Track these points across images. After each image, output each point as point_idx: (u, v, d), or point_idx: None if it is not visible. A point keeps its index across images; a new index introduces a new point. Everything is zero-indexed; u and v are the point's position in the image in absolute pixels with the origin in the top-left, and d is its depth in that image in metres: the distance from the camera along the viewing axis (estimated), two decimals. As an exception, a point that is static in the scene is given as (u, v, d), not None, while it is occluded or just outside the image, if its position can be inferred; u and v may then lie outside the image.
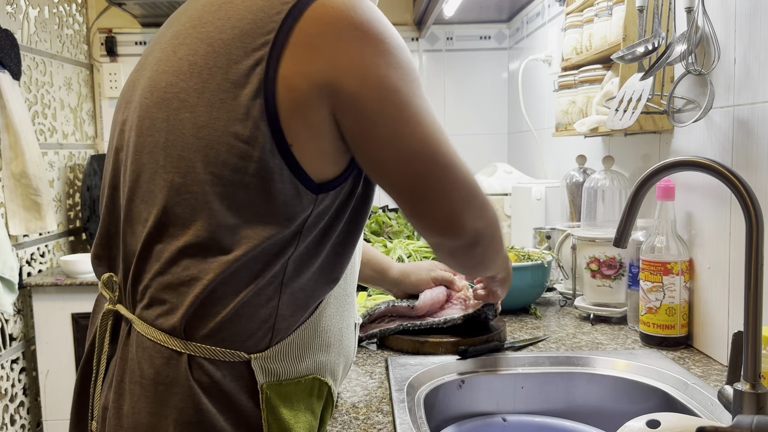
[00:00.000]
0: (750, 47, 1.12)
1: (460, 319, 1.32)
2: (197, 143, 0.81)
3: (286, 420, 0.85)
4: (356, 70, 0.81)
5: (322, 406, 0.92)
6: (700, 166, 0.86)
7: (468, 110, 3.23)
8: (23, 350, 2.50)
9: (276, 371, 0.86)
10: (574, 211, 1.81)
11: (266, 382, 0.85)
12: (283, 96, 0.79)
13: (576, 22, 1.76)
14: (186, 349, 0.83)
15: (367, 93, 0.81)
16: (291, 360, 0.88)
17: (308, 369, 0.90)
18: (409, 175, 0.84)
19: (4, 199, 2.33)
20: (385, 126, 0.82)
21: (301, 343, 0.89)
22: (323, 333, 0.91)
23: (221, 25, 0.83)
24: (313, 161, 0.82)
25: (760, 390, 0.83)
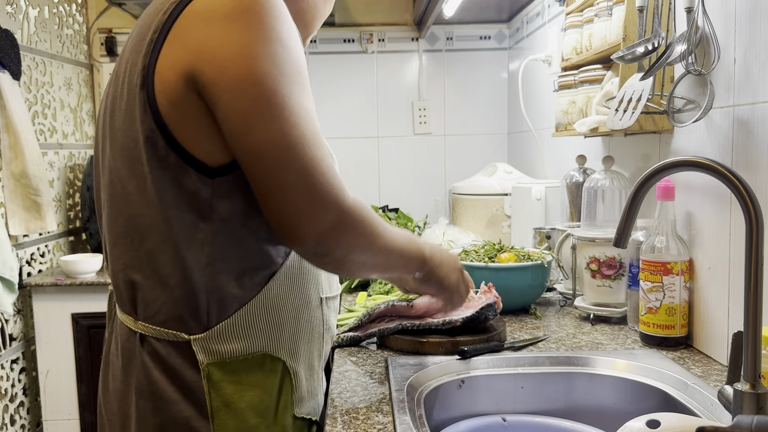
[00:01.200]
0: (750, 47, 1.12)
1: (459, 321, 1.32)
2: (117, 145, 0.90)
3: (230, 395, 0.91)
4: (215, 57, 0.82)
5: (278, 381, 0.95)
6: (700, 166, 0.87)
7: (468, 110, 3.23)
8: (23, 350, 2.50)
9: (218, 350, 0.91)
10: (574, 211, 1.81)
11: (207, 360, 0.90)
12: (159, 90, 0.84)
13: (576, 22, 1.76)
14: (137, 328, 0.93)
15: (224, 82, 0.82)
16: (234, 339, 0.92)
17: (256, 347, 0.93)
18: (256, 172, 0.84)
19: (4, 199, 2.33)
20: (237, 117, 0.82)
21: (245, 323, 0.92)
22: (273, 311, 0.94)
23: (134, 32, 0.91)
24: (203, 148, 0.86)
25: (760, 390, 0.83)
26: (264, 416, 0.93)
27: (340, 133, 3.19)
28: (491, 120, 3.23)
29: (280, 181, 0.83)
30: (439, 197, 3.19)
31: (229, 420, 0.91)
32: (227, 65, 0.81)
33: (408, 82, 3.22)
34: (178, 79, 0.83)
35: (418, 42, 3.20)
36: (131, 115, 0.87)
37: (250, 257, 0.92)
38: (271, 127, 0.82)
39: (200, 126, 0.85)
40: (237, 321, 0.92)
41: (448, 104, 3.24)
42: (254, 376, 0.93)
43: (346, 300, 1.83)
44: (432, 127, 3.23)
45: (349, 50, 3.17)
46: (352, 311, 1.65)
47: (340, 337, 1.35)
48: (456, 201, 2.51)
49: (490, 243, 1.73)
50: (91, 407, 2.49)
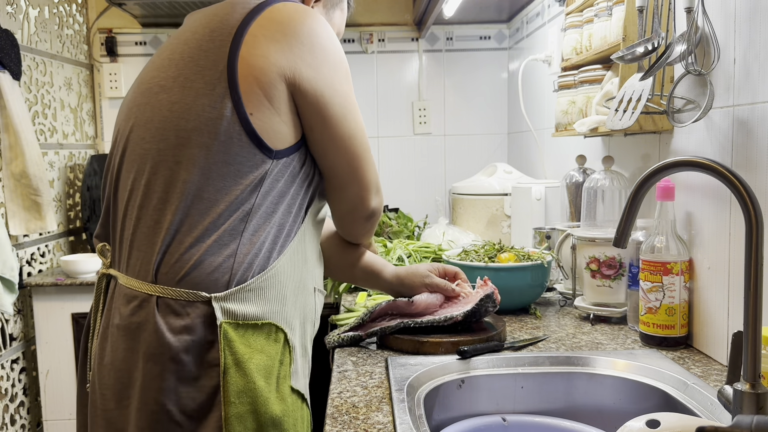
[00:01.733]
0: (750, 47, 1.12)
1: (460, 316, 1.32)
2: (170, 115, 1.01)
3: (241, 354, 0.98)
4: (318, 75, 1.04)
5: (280, 350, 1.03)
6: (699, 166, 0.87)
7: (468, 110, 3.23)
8: (23, 350, 2.50)
9: (233, 312, 0.99)
10: (574, 211, 1.81)
11: (225, 320, 0.98)
12: (243, 72, 0.99)
13: (576, 23, 1.76)
14: (155, 291, 0.99)
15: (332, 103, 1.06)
16: (247, 303, 1.00)
17: (264, 314, 1.02)
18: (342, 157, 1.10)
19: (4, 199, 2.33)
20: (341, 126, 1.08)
21: (257, 290, 1.01)
22: (279, 285, 1.04)
23: (195, 28, 1.06)
24: (271, 129, 1.01)
25: (759, 390, 0.83)
26: (268, 381, 1.00)
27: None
28: (491, 120, 3.23)
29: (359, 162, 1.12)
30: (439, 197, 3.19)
31: (239, 378, 0.97)
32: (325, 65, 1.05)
33: (408, 82, 3.22)
34: (270, 67, 1.00)
35: (418, 42, 3.20)
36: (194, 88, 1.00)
37: (274, 232, 1.03)
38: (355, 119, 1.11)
39: (277, 112, 1.01)
40: (253, 287, 1.01)
41: (448, 104, 3.24)
42: (261, 341, 1.01)
43: (346, 300, 1.83)
44: (432, 127, 3.23)
45: (349, 50, 3.17)
46: (352, 311, 1.65)
47: (341, 337, 1.35)
48: (456, 201, 2.51)
49: (490, 243, 1.73)
50: (91, 407, 2.48)
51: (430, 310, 1.36)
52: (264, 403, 0.99)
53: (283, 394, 1.02)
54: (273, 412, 0.99)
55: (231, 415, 0.96)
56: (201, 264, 0.99)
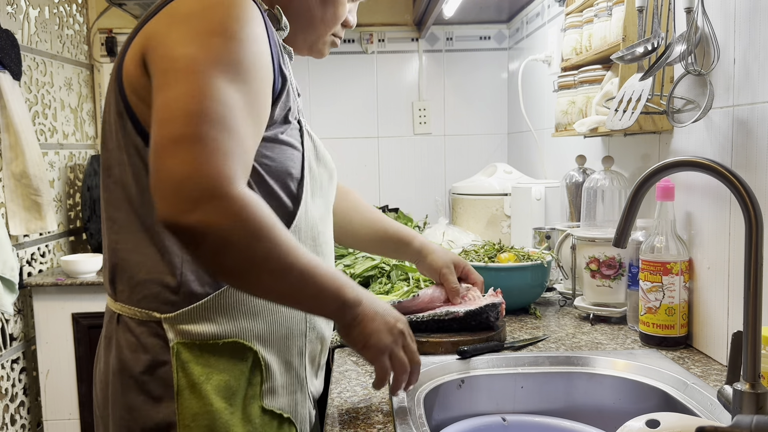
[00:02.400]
0: (749, 47, 1.12)
1: (462, 312, 1.31)
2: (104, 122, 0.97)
3: (196, 376, 0.91)
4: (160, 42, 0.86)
5: (247, 369, 0.95)
6: (699, 166, 0.87)
7: (468, 110, 3.23)
8: (23, 350, 2.50)
9: (188, 331, 0.92)
10: (574, 211, 1.81)
11: (178, 340, 0.92)
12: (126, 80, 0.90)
13: (576, 23, 1.76)
14: (115, 308, 0.97)
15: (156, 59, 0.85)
16: (206, 322, 0.92)
17: (228, 332, 0.93)
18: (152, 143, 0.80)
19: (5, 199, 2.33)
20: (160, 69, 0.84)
21: (218, 307, 0.93)
22: (246, 301, 0.94)
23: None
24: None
25: (759, 390, 0.83)
26: (229, 402, 0.93)
27: (340, 133, 3.19)
28: (491, 120, 3.23)
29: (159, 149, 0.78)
30: (439, 197, 3.19)
31: (193, 401, 0.91)
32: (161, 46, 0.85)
33: (408, 83, 3.22)
34: (136, 68, 0.88)
35: (418, 42, 3.20)
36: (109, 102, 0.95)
37: None
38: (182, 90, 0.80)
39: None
40: (210, 304, 0.92)
41: (448, 104, 3.24)
42: (223, 360, 0.93)
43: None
44: (432, 127, 3.23)
45: (349, 50, 3.18)
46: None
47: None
48: (456, 201, 2.51)
49: (490, 243, 1.73)
50: (91, 407, 2.49)
51: (433, 305, 1.36)
52: (224, 426, 0.92)
53: (250, 415, 0.95)
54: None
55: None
56: (150, 283, 0.93)
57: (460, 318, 1.32)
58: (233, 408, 0.93)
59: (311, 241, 1.01)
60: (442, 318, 1.32)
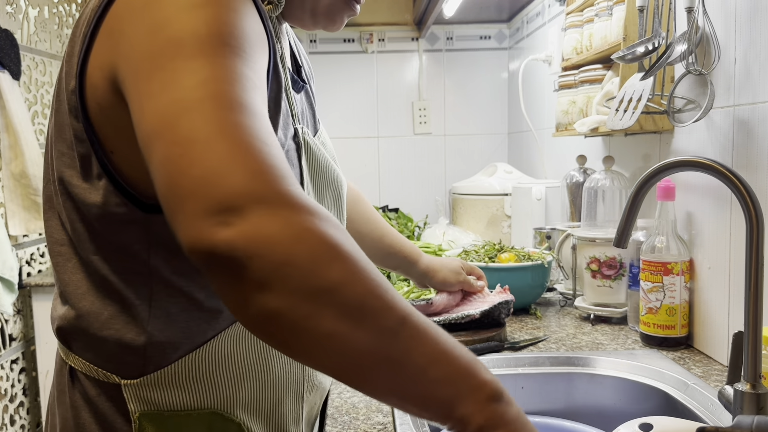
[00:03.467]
0: (750, 47, 1.12)
1: (478, 314, 1.32)
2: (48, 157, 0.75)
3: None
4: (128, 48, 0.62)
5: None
6: (700, 166, 0.86)
7: (468, 110, 3.23)
8: (23, 350, 2.50)
9: (154, 400, 0.73)
10: (575, 211, 1.81)
11: (141, 410, 0.73)
12: (89, 95, 0.67)
13: (576, 22, 1.76)
14: (68, 359, 0.78)
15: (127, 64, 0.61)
16: (176, 389, 0.73)
17: (204, 401, 0.74)
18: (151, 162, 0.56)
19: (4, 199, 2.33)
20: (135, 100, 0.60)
21: (191, 371, 0.74)
22: (231, 360, 0.75)
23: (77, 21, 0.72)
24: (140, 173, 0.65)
25: (760, 390, 0.83)
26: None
27: (340, 133, 3.19)
28: (491, 120, 3.23)
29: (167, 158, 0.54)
30: (439, 197, 3.18)
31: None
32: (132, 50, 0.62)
33: (408, 82, 3.22)
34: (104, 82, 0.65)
35: (418, 42, 3.20)
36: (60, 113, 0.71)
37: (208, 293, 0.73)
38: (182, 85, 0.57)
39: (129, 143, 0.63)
40: (182, 368, 0.73)
41: (448, 104, 3.24)
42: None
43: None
44: (432, 127, 3.23)
45: (349, 50, 3.17)
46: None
47: None
48: (456, 201, 2.51)
49: (490, 243, 1.73)
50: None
51: (448, 310, 1.36)
52: None
53: None
54: None
55: None
56: (104, 339, 0.73)
57: (476, 320, 1.33)
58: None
59: None
60: (459, 322, 1.32)
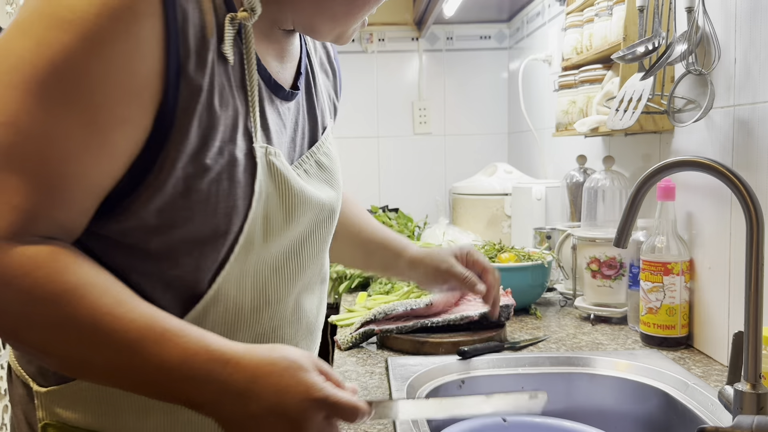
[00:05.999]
0: (750, 47, 1.12)
1: (476, 316, 1.32)
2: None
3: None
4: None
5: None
6: (700, 166, 0.86)
7: (468, 110, 3.23)
8: (23, 350, 2.49)
9: (58, 413, 0.72)
10: (575, 211, 1.81)
11: (47, 421, 0.73)
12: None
13: (576, 22, 1.76)
14: (9, 357, 0.80)
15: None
16: (80, 407, 0.72)
17: (107, 426, 0.72)
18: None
19: (4, 199, 2.33)
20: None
21: (98, 391, 0.71)
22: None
23: None
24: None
25: (760, 390, 0.83)
26: None
27: (340, 133, 3.18)
28: (491, 120, 3.23)
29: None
30: (439, 197, 3.18)
31: None
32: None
33: (408, 82, 3.22)
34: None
35: (418, 42, 3.20)
36: None
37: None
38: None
39: None
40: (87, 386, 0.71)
41: (448, 104, 3.23)
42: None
43: (345, 300, 1.83)
44: (432, 127, 3.23)
45: (348, 50, 3.17)
46: (352, 311, 1.65)
47: (353, 337, 1.34)
48: (456, 201, 2.51)
49: (491, 243, 1.73)
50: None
51: (447, 309, 1.37)
52: None
53: None
54: None
55: None
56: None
57: (474, 321, 1.33)
58: None
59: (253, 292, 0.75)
60: (458, 323, 1.33)
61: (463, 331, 1.34)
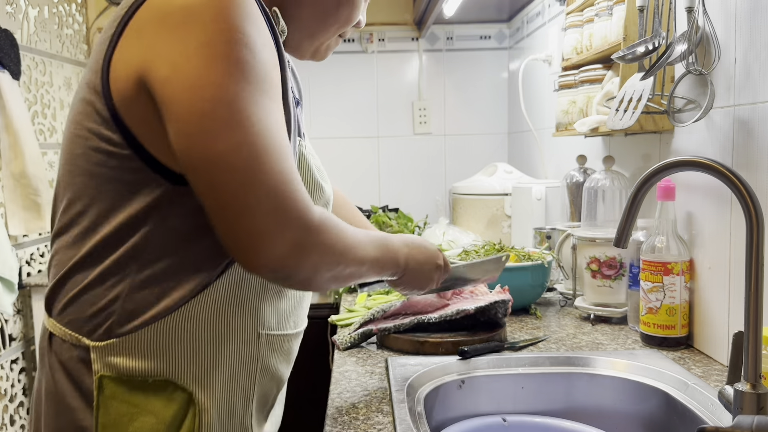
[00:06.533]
0: (750, 47, 1.12)
1: (472, 309, 1.32)
2: (68, 139, 0.86)
3: (119, 415, 0.83)
4: (171, 53, 0.75)
5: (179, 413, 0.84)
6: (700, 166, 0.86)
7: (468, 110, 3.23)
8: (23, 350, 2.50)
9: (115, 365, 0.83)
10: (575, 211, 1.81)
11: (103, 373, 0.83)
12: (113, 86, 0.79)
13: (576, 22, 1.76)
14: (48, 325, 0.89)
15: (178, 80, 0.74)
16: (136, 356, 0.83)
17: (160, 370, 0.84)
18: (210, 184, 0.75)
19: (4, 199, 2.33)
20: (192, 119, 0.74)
21: (152, 341, 0.83)
22: (189, 335, 0.84)
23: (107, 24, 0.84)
24: (163, 149, 0.79)
25: (760, 390, 0.83)
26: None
27: (340, 133, 3.19)
28: (491, 120, 3.23)
29: (239, 195, 0.74)
30: (439, 197, 3.18)
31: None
32: (182, 63, 0.74)
33: (408, 82, 3.22)
34: (129, 76, 0.78)
35: (418, 42, 3.20)
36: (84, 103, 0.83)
37: (178, 271, 0.84)
38: (232, 134, 0.74)
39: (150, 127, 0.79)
40: (143, 337, 0.83)
41: (448, 104, 3.24)
42: (151, 401, 0.84)
43: (345, 300, 1.83)
44: (432, 127, 3.23)
45: (349, 50, 3.17)
46: (352, 311, 1.65)
47: (352, 337, 1.34)
48: (456, 201, 2.51)
49: (490, 243, 1.73)
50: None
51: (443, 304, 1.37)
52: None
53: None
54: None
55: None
56: (81, 303, 0.84)
57: (471, 315, 1.32)
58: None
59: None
60: (453, 318, 1.32)
61: (463, 330, 1.34)
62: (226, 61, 0.74)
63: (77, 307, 0.84)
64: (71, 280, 0.85)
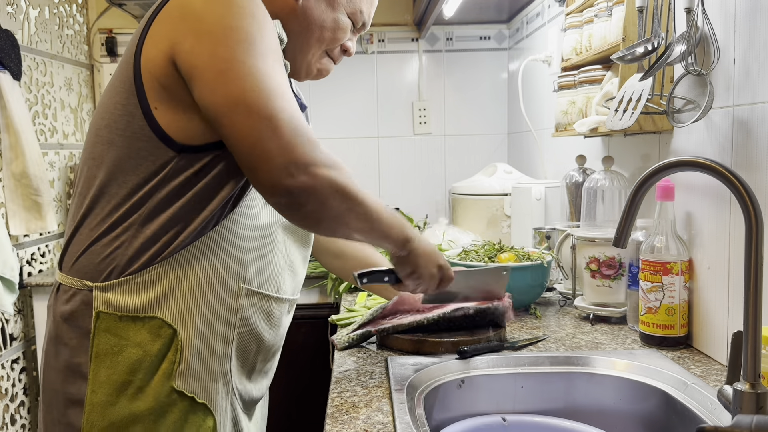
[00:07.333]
0: (750, 47, 1.12)
1: (471, 310, 1.32)
2: (96, 115, 1.03)
3: (110, 345, 0.97)
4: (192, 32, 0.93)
5: (163, 347, 0.98)
6: (699, 166, 0.87)
7: (468, 110, 3.23)
8: (23, 350, 2.50)
9: (112, 302, 0.98)
10: (574, 211, 1.81)
11: (100, 309, 0.98)
12: (144, 66, 0.96)
13: (576, 23, 1.76)
14: (58, 278, 1.05)
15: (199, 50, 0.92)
16: (130, 294, 0.98)
17: (149, 307, 0.98)
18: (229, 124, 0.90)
19: (5, 199, 2.33)
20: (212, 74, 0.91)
21: (144, 282, 0.98)
22: (178, 279, 0.99)
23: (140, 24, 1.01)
24: (175, 122, 0.96)
25: (759, 390, 0.83)
26: (136, 375, 0.98)
27: (340, 133, 3.19)
28: (491, 120, 3.23)
29: (250, 129, 0.89)
30: (439, 197, 3.19)
31: (102, 369, 0.97)
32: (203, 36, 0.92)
33: (408, 83, 3.22)
34: (158, 53, 0.94)
35: (418, 42, 3.20)
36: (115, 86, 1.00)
37: (175, 225, 0.98)
38: (245, 83, 0.90)
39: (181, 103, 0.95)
40: (139, 278, 0.98)
41: (448, 104, 3.24)
42: (139, 335, 0.98)
43: (346, 300, 1.83)
44: (432, 127, 3.24)
45: (349, 50, 3.17)
46: (352, 311, 1.65)
47: (350, 337, 1.35)
48: (456, 201, 2.51)
49: (490, 243, 1.73)
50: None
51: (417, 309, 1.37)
52: (128, 399, 0.97)
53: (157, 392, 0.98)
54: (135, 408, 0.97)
55: (95, 403, 0.97)
56: (90, 253, 1.00)
57: (470, 315, 1.32)
58: (140, 382, 0.98)
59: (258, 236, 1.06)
60: (452, 316, 1.32)
61: (463, 330, 1.34)
62: (237, 32, 0.92)
63: (87, 257, 1.00)
64: (84, 235, 1.00)
